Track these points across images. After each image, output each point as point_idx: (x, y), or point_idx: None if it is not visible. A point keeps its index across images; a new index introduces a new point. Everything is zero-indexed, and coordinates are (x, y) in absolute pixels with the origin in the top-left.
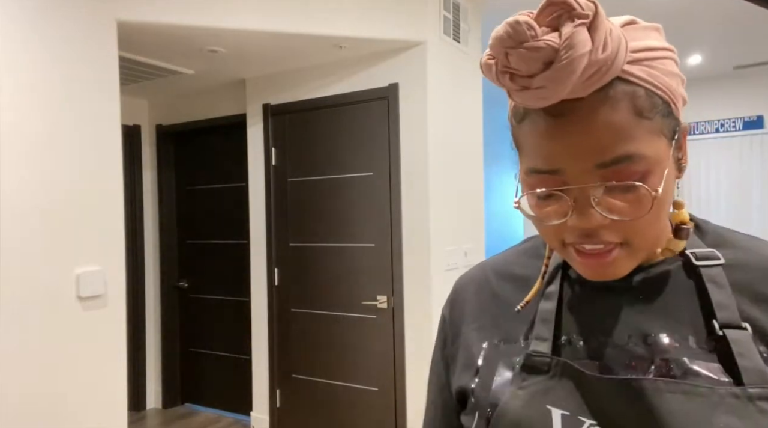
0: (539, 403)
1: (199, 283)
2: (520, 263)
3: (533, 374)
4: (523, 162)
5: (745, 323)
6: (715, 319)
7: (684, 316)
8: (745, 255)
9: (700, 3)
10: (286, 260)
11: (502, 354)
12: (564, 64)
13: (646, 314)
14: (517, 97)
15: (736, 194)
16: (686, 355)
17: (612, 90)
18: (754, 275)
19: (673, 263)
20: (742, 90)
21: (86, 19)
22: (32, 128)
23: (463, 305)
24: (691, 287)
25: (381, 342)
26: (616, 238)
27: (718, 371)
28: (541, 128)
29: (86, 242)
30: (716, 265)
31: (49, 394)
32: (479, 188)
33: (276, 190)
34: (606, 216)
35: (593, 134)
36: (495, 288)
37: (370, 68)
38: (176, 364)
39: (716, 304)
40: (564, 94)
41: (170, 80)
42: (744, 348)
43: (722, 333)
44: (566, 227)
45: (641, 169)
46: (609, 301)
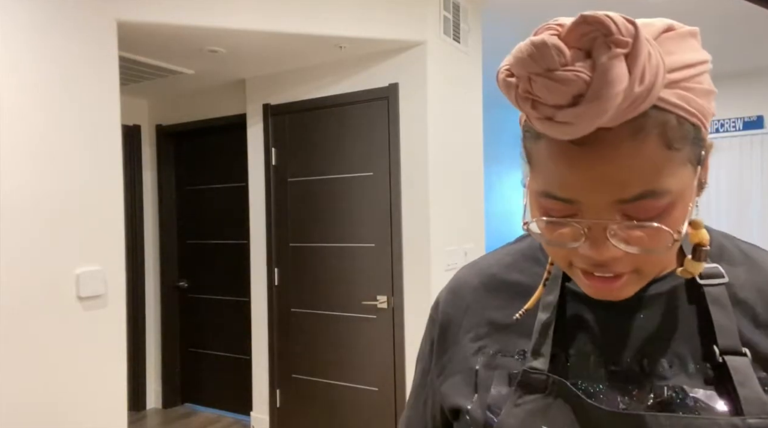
0: (535, 423)
1: (199, 283)
2: (517, 267)
3: (530, 391)
4: (535, 180)
5: (745, 348)
6: (715, 344)
7: (684, 338)
8: (748, 274)
9: (700, 3)
10: (286, 260)
11: (499, 366)
12: (596, 102)
13: (646, 335)
14: (537, 125)
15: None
16: (685, 382)
17: (643, 120)
18: (757, 297)
19: (676, 281)
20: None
21: (86, 19)
22: (32, 128)
23: (458, 310)
24: (694, 308)
25: (381, 342)
26: (628, 268)
27: (717, 399)
28: (560, 154)
29: (86, 242)
30: (720, 284)
31: (49, 394)
32: (479, 188)
33: (276, 190)
34: (621, 249)
35: (617, 169)
36: (491, 295)
37: (370, 68)
38: (176, 364)
39: (717, 328)
40: (588, 131)
41: (170, 80)
42: (743, 376)
43: (722, 360)
44: (577, 253)
45: (664, 204)
46: (609, 318)
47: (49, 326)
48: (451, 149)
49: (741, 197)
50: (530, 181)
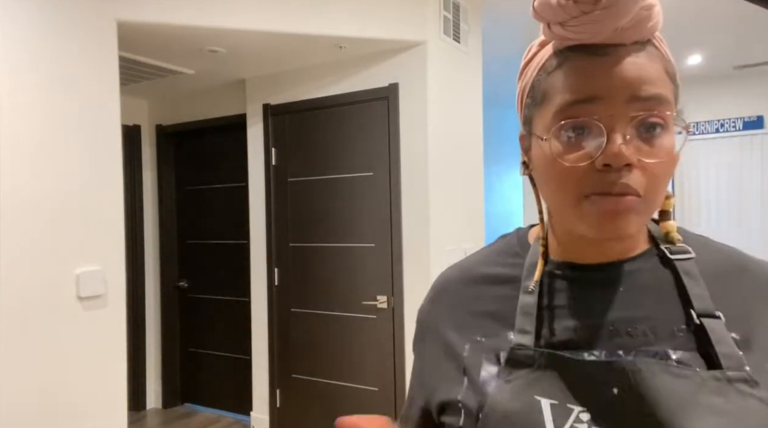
0: (527, 395)
1: (199, 283)
2: (497, 262)
3: (518, 367)
4: (551, 106)
5: (718, 311)
6: (692, 309)
7: (663, 307)
8: (708, 253)
9: (700, 3)
10: (286, 260)
11: (485, 348)
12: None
13: (627, 306)
14: (573, 25)
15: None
16: (667, 346)
17: (648, 47)
18: (718, 268)
19: (650, 257)
20: (742, 90)
21: (86, 19)
22: (32, 128)
23: (441, 307)
24: (668, 280)
25: (381, 342)
26: (637, 187)
27: (698, 359)
28: (580, 66)
29: (86, 242)
30: (688, 258)
31: (49, 394)
32: (479, 188)
33: (276, 190)
34: (634, 158)
35: (634, 70)
36: (472, 288)
37: (370, 68)
38: (176, 364)
39: (692, 294)
40: (621, 22)
41: (170, 80)
42: (719, 335)
43: (699, 322)
44: (588, 172)
45: (666, 117)
46: (590, 294)
47: (49, 326)
48: (451, 149)
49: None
50: (538, 120)
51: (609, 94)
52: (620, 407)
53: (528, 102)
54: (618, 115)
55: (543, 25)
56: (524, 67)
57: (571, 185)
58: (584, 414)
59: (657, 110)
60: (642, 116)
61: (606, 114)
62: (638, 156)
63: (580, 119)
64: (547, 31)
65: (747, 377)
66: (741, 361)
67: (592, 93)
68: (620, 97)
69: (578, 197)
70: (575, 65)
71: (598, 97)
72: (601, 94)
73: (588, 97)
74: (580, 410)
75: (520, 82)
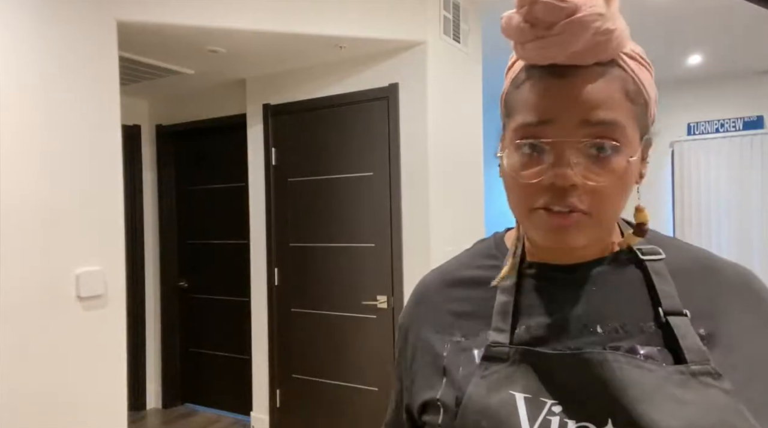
0: (502, 390)
1: (199, 283)
2: (473, 264)
3: (494, 363)
4: (513, 122)
5: (685, 309)
6: (660, 307)
7: (633, 305)
8: (677, 253)
9: (701, 3)
10: (286, 260)
11: (464, 348)
12: (583, 15)
13: (599, 305)
14: (530, 48)
15: (736, 194)
16: (636, 340)
17: (609, 69)
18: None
19: (621, 258)
20: (742, 90)
21: (86, 19)
22: (32, 128)
23: (422, 311)
24: (639, 279)
25: (381, 342)
26: (583, 206)
27: (665, 354)
28: (539, 86)
29: (86, 242)
30: (659, 259)
31: (49, 394)
32: (479, 188)
33: (276, 190)
34: (580, 178)
35: (587, 93)
36: (451, 291)
37: (370, 68)
38: (176, 364)
39: (661, 293)
40: (573, 49)
41: (170, 80)
42: (685, 331)
43: (666, 320)
44: (540, 188)
45: (619, 140)
46: (564, 293)
47: (49, 326)
48: (451, 149)
49: (741, 197)
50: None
51: (561, 117)
52: (588, 397)
53: (502, 112)
54: (568, 137)
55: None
56: (505, 75)
57: (524, 198)
58: (556, 407)
59: (607, 135)
60: (589, 143)
61: (557, 135)
62: (585, 177)
63: (532, 141)
64: (516, 48)
65: (711, 370)
66: (705, 356)
67: (546, 116)
68: (571, 120)
69: (530, 209)
70: (535, 85)
71: (551, 119)
72: (553, 117)
73: (542, 119)
74: (552, 403)
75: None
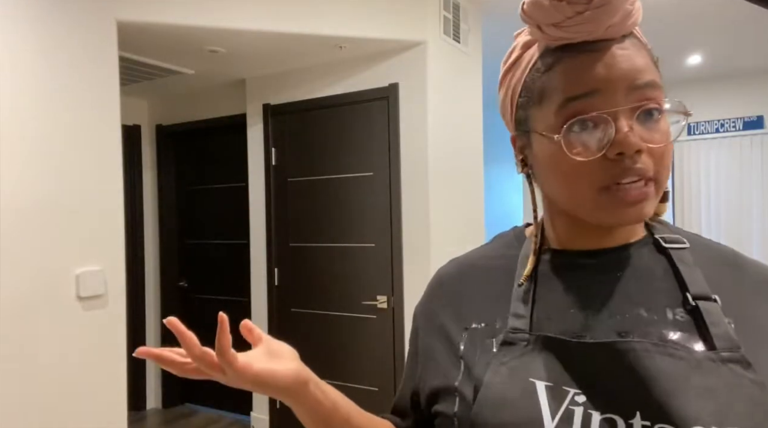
0: (522, 377)
1: (199, 283)
2: (494, 255)
3: (513, 350)
4: (552, 104)
5: (714, 295)
6: (688, 292)
7: (659, 292)
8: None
9: (700, 3)
10: (286, 260)
11: (482, 335)
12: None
13: (624, 291)
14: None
15: (736, 194)
16: (664, 327)
17: (632, 39)
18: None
19: (645, 244)
20: (742, 90)
21: (86, 19)
22: (32, 128)
23: (438, 300)
24: (663, 266)
25: (381, 342)
26: (650, 167)
27: (693, 340)
28: (577, 63)
29: (86, 242)
30: (683, 248)
31: (49, 394)
32: (479, 188)
33: (276, 190)
34: (643, 144)
35: (627, 62)
36: (469, 279)
37: (370, 68)
38: None
39: (688, 279)
40: (613, 20)
41: (170, 80)
42: (715, 317)
43: (695, 304)
44: (601, 164)
45: (661, 102)
46: (588, 280)
47: (50, 326)
48: (451, 149)
49: (741, 197)
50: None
51: (608, 86)
52: (615, 388)
53: (522, 102)
54: (620, 105)
55: (532, 26)
56: (509, 70)
57: (585, 179)
58: (579, 396)
59: (653, 96)
60: (643, 106)
61: (608, 106)
62: (646, 141)
63: (589, 115)
64: (537, 32)
65: (741, 358)
66: (735, 342)
67: (593, 87)
68: (619, 88)
69: (596, 188)
70: (571, 63)
71: (599, 90)
72: (601, 88)
73: (589, 91)
74: (575, 392)
75: (506, 85)
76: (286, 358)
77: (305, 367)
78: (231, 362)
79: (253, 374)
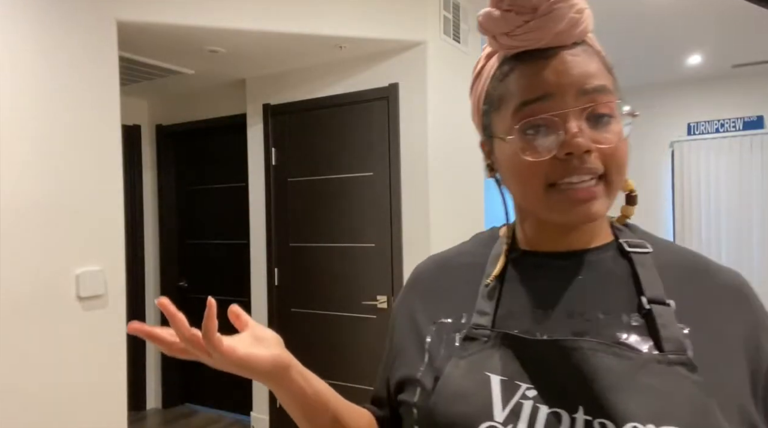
0: (479, 371)
1: (199, 283)
2: (469, 252)
3: (474, 345)
4: (507, 109)
5: (669, 300)
6: (644, 296)
7: (617, 295)
8: (668, 252)
9: (700, 3)
10: (286, 260)
11: (448, 329)
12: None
13: (584, 294)
14: (518, 33)
15: (736, 195)
16: (618, 329)
17: (584, 46)
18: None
19: (609, 249)
20: (742, 90)
21: (86, 19)
22: (32, 128)
23: (414, 294)
24: (624, 270)
25: (381, 342)
26: (600, 167)
27: (644, 341)
28: (530, 68)
29: (86, 242)
30: (645, 252)
31: (49, 394)
32: (479, 188)
33: (276, 190)
34: (592, 144)
35: (578, 67)
36: (444, 275)
37: (370, 68)
38: (176, 364)
39: (645, 283)
40: (559, 27)
41: (170, 80)
42: (666, 320)
43: (649, 308)
44: (552, 165)
45: (612, 106)
46: (552, 280)
47: (49, 326)
48: (451, 149)
49: (741, 197)
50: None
51: (559, 90)
52: (562, 384)
53: (485, 109)
54: (569, 108)
55: (489, 37)
56: (475, 79)
57: (537, 178)
58: (531, 391)
59: (604, 100)
60: (591, 107)
61: (559, 109)
62: (595, 141)
63: (539, 117)
64: (493, 42)
65: (686, 361)
66: (683, 346)
67: (545, 91)
68: (569, 92)
69: (545, 187)
70: (525, 70)
71: (550, 94)
72: (552, 92)
73: (541, 95)
74: (527, 386)
75: (474, 94)
76: (269, 343)
77: (287, 353)
78: (216, 345)
79: (237, 357)
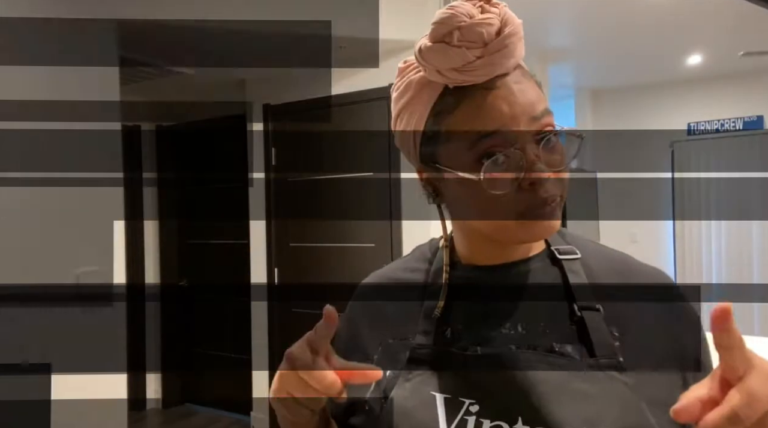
0: (424, 391)
1: (199, 283)
2: (410, 268)
3: (418, 365)
4: (460, 143)
5: (598, 305)
6: (575, 303)
7: (552, 303)
8: (594, 255)
9: (700, 3)
10: (286, 260)
11: (394, 350)
12: (514, 27)
13: (520, 305)
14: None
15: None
16: (553, 338)
17: (519, 70)
18: (601, 270)
19: (543, 258)
20: (742, 90)
21: (86, 19)
22: (32, 128)
23: (357, 312)
24: (556, 278)
25: None
26: (560, 190)
27: (578, 348)
28: (480, 101)
29: (86, 242)
30: (575, 259)
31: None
32: None
33: (276, 190)
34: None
35: (524, 95)
36: (387, 292)
37: (370, 68)
38: (176, 364)
39: (575, 290)
40: (509, 63)
41: (170, 80)
42: (597, 325)
43: (580, 314)
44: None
45: (554, 125)
46: (489, 294)
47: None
48: None
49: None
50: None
51: (513, 122)
52: (501, 396)
53: (427, 140)
54: (524, 137)
55: (430, 70)
56: (405, 107)
57: (503, 209)
58: (474, 406)
59: (549, 122)
60: (545, 135)
61: (515, 139)
62: (551, 167)
63: (501, 152)
64: (437, 74)
65: (616, 363)
66: (612, 349)
67: (499, 123)
68: (522, 121)
69: (513, 216)
70: (474, 102)
71: (505, 125)
72: (507, 123)
73: (496, 128)
74: (470, 402)
75: (404, 121)
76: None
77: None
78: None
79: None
